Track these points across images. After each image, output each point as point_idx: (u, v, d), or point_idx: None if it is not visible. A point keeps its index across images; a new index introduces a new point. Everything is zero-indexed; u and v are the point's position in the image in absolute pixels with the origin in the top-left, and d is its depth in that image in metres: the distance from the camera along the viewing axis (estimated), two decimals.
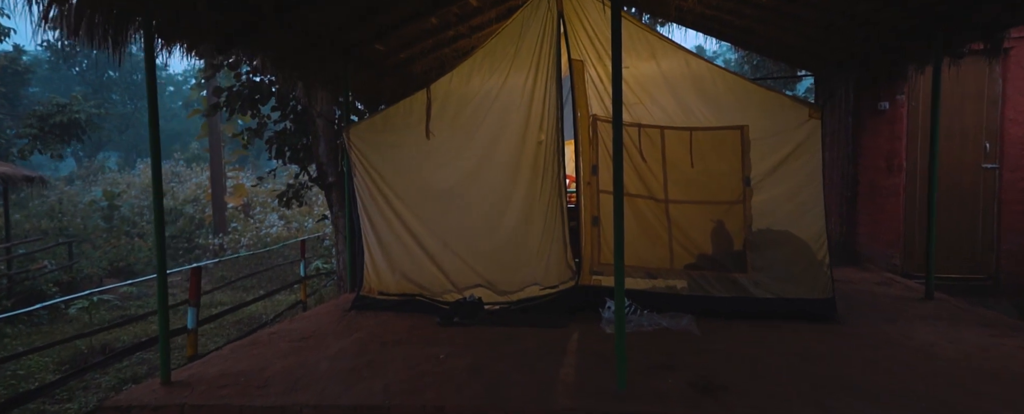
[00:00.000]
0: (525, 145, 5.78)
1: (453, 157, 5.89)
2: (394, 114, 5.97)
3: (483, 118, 5.84)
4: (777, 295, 5.35)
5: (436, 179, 5.91)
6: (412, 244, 5.92)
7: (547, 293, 5.75)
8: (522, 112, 5.78)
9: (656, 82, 5.60)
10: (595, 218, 5.77)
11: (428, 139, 5.91)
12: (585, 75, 5.75)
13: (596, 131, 5.73)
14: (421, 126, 5.90)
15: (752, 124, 5.40)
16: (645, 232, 5.62)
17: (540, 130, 5.77)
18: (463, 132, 5.89)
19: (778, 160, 5.35)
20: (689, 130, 5.54)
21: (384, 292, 6.03)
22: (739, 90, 5.43)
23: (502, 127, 5.81)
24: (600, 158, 5.73)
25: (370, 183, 5.97)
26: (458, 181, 5.88)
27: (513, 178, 5.79)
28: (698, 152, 5.54)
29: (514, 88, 5.83)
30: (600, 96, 5.71)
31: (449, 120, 5.91)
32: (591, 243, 5.79)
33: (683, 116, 5.56)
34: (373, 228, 6.01)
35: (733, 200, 5.46)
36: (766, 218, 5.40)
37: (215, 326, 9.54)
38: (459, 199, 5.88)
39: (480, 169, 5.85)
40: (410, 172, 5.94)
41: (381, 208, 5.97)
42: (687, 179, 5.57)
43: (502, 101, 5.84)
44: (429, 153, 5.92)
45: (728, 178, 5.47)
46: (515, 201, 5.79)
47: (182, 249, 17.28)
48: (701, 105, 5.52)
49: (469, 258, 5.87)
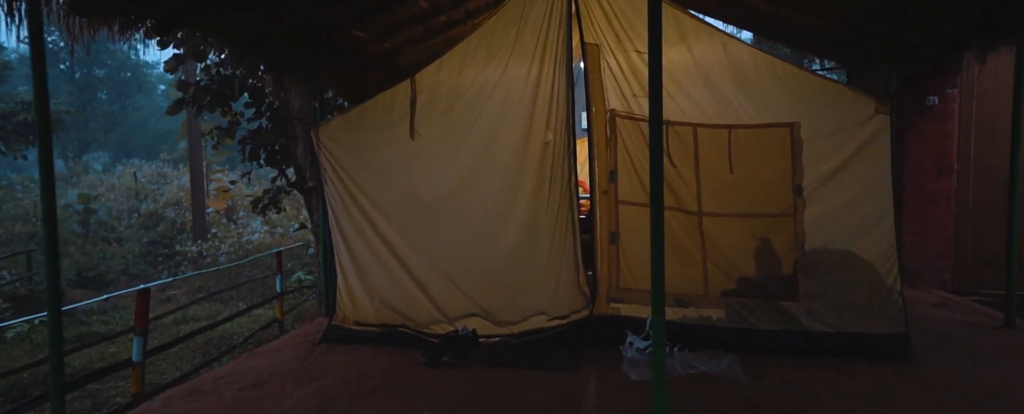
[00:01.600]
0: (529, 146, 4.82)
1: (443, 161, 4.93)
2: (372, 110, 5.01)
3: (478, 115, 4.88)
4: (836, 328, 4.39)
5: (423, 187, 4.95)
6: (394, 265, 4.96)
7: (555, 324, 4.79)
8: (525, 107, 4.83)
9: (687, 70, 4.65)
10: (613, 234, 4.81)
11: (413, 140, 4.94)
12: (601, 62, 4.79)
13: (615, 129, 4.77)
14: (404, 124, 4.94)
15: (805, 121, 4.45)
16: (674, 250, 4.66)
17: (546, 128, 4.81)
18: (455, 131, 4.93)
19: (837, 164, 4.40)
20: (727, 128, 4.59)
21: (361, 322, 5.07)
22: (789, 80, 4.48)
23: (501, 125, 4.86)
24: (619, 162, 4.77)
25: (343, 192, 5.01)
26: (449, 189, 4.92)
27: (514, 186, 4.84)
28: (738, 154, 4.59)
29: (515, 79, 4.87)
30: (619, 87, 4.75)
31: (438, 117, 4.95)
32: (608, 264, 4.83)
33: (720, 111, 4.60)
34: (347, 245, 5.04)
35: (781, 212, 4.51)
36: (822, 234, 4.44)
37: (182, 349, 8.57)
38: (450, 211, 4.92)
39: (475, 175, 4.90)
40: (391, 179, 4.98)
41: (356, 221, 5.00)
42: (725, 187, 4.61)
43: (501, 94, 4.88)
44: (414, 156, 4.96)
45: (775, 186, 4.52)
46: (517, 213, 4.83)
47: (162, 256, 16.28)
48: (742, 98, 4.56)
49: (462, 282, 4.91)
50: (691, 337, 4.48)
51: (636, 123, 4.71)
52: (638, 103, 4.70)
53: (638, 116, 4.69)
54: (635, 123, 4.71)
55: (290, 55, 5.97)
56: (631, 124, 4.72)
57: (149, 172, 27.25)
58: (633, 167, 4.74)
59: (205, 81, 8.33)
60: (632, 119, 4.72)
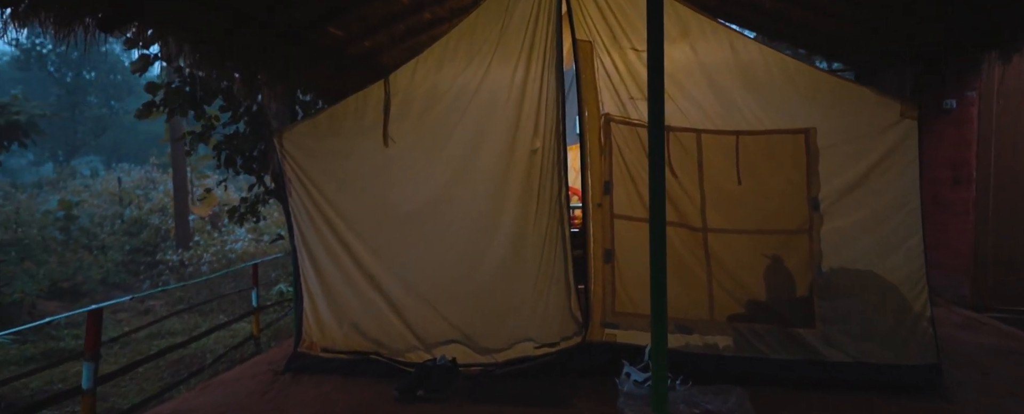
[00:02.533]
0: (514, 155, 4.35)
1: (419, 171, 4.46)
2: (342, 114, 4.53)
3: (459, 120, 4.41)
4: (857, 359, 3.92)
5: (397, 199, 4.47)
6: (365, 286, 4.48)
7: (544, 352, 4.31)
8: (510, 111, 4.36)
9: (690, 71, 4.18)
10: (608, 252, 4.33)
11: (386, 147, 4.47)
12: (594, 61, 4.32)
13: (610, 136, 4.29)
14: (377, 130, 4.46)
15: (821, 126, 3.99)
16: (676, 270, 4.18)
17: (534, 135, 4.34)
18: (432, 138, 4.46)
19: (858, 175, 3.94)
20: (735, 134, 4.12)
21: (329, 349, 4.58)
22: (803, 81, 4.02)
23: (484, 131, 4.39)
24: (615, 172, 4.29)
25: (310, 204, 4.53)
26: (426, 202, 4.45)
27: (499, 198, 4.37)
28: (747, 164, 4.12)
29: (499, 80, 4.41)
30: (615, 89, 4.28)
31: (414, 122, 4.48)
32: (603, 285, 4.35)
33: (726, 116, 4.14)
34: (313, 264, 4.55)
35: (795, 229, 4.04)
36: (841, 253, 3.98)
37: (152, 368, 8.07)
38: (427, 226, 4.44)
39: (455, 186, 4.43)
40: (363, 190, 4.50)
41: (324, 237, 4.52)
42: (732, 200, 4.14)
43: (483, 97, 4.41)
44: (388, 165, 4.48)
45: (788, 199, 4.05)
46: (501, 228, 4.36)
47: (144, 265, 15.75)
48: (751, 101, 4.10)
49: (440, 304, 4.42)
50: (695, 368, 4.00)
51: (634, 129, 4.24)
52: (636, 106, 4.23)
53: (636, 121, 4.23)
54: (632, 129, 4.24)
55: (258, 54, 5.51)
56: (628, 130, 4.25)
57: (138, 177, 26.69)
58: (630, 177, 4.27)
59: (176, 83, 7.85)
60: (629, 124, 4.25)
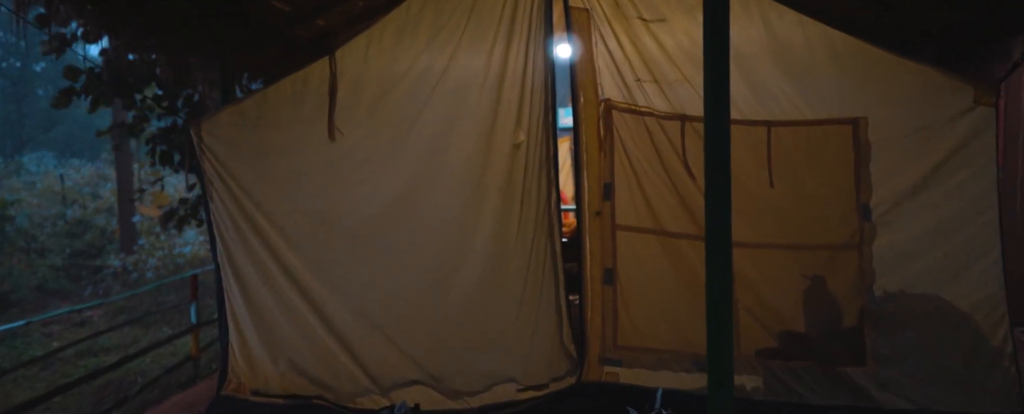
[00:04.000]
0: (492, 151, 3.51)
1: (374, 171, 3.59)
2: (276, 100, 3.62)
3: (422, 108, 3.55)
4: (919, 405, 3.16)
5: (346, 207, 3.59)
6: (305, 313, 3.58)
7: (529, 397, 3.47)
8: (487, 98, 3.52)
9: None
10: (609, 271, 3.50)
11: (332, 141, 3.57)
12: (592, 35, 3.48)
13: (611, 127, 3.46)
14: (321, 120, 3.57)
15: (874, 115, 3.22)
16: (692, 294, 3.38)
17: (517, 127, 3.50)
18: (389, 131, 3.58)
19: (921, 176, 3.18)
20: (766, 125, 3.33)
21: (261, 391, 3.66)
22: (853, 60, 3.24)
23: (454, 123, 3.54)
24: (618, 172, 3.47)
25: (237, 212, 3.61)
26: (382, 210, 3.58)
27: (473, 205, 3.53)
28: (781, 162, 3.33)
29: (473, 59, 3.56)
30: (618, 69, 3.45)
31: (366, 111, 3.59)
32: (603, 312, 3.52)
33: (756, 103, 3.35)
34: (241, 286, 3.64)
35: (841, 243, 3.26)
36: (899, 274, 3.22)
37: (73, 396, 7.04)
38: (384, 239, 3.57)
39: (418, 191, 3.57)
40: (303, 195, 3.60)
41: (254, 253, 3.60)
42: (762, 207, 3.35)
43: (453, 81, 3.56)
44: (335, 164, 3.59)
45: (832, 205, 3.28)
46: (477, 243, 3.51)
47: (87, 270, 14.50)
48: (787, 85, 3.31)
49: (401, 337, 3.56)
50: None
51: (641, 118, 3.41)
52: (644, 90, 3.41)
53: (644, 108, 3.40)
54: (639, 118, 3.42)
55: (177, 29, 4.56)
56: (634, 120, 3.42)
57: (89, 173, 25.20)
58: (636, 179, 3.45)
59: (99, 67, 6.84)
60: (635, 113, 3.42)
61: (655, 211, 3.42)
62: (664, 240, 3.42)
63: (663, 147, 3.39)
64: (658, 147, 3.40)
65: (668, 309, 3.44)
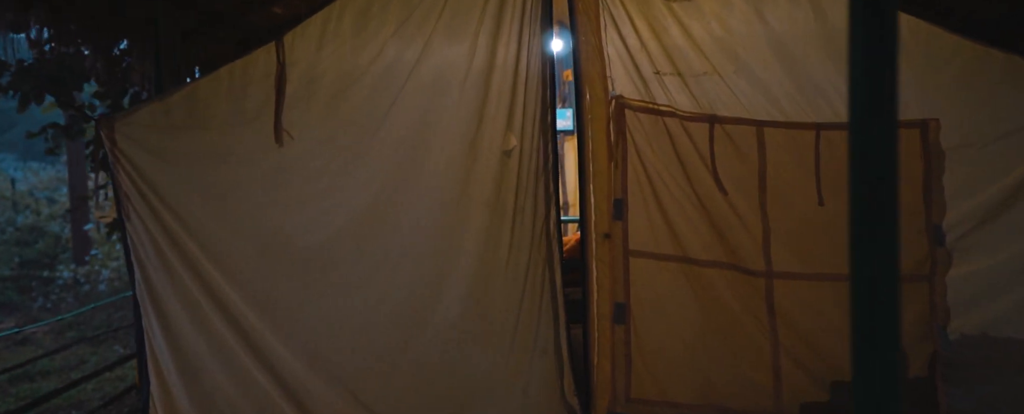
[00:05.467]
0: (478, 159, 2.87)
1: (331, 184, 2.91)
2: (211, 94, 2.92)
3: (390, 107, 2.89)
4: None
5: (296, 227, 2.91)
6: (248, 363, 2.88)
7: None
8: (471, 95, 2.88)
9: (750, 39, 2.77)
10: (620, 307, 2.86)
11: (280, 146, 2.89)
12: (601, 18, 2.83)
13: (623, 130, 2.81)
14: (265, 120, 2.88)
15: (948, 116, 2.61)
16: (724, 335, 2.76)
17: (508, 129, 2.86)
18: (350, 134, 2.91)
19: (1008, 191, 2.59)
20: (814, 128, 2.72)
21: None
22: (921, 50, 2.64)
23: (430, 124, 2.89)
24: (631, 184, 2.82)
25: (159, 234, 2.89)
26: (341, 232, 2.90)
27: (453, 225, 2.88)
28: (833, 173, 2.72)
29: (455, 47, 2.92)
30: (632, 59, 2.81)
31: (322, 110, 2.91)
32: (612, 357, 2.88)
33: (803, 101, 2.74)
34: (165, 329, 2.92)
35: (907, 273, 2.65)
36: (981, 312, 2.63)
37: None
38: (343, 268, 2.90)
39: (386, 207, 2.90)
40: (243, 213, 2.91)
41: (182, 286, 2.89)
42: (810, 229, 2.74)
43: (430, 72, 2.91)
44: (283, 175, 2.91)
45: None
46: (458, 272, 2.86)
47: (37, 281, 13.54)
48: (840, 79, 2.71)
49: (365, 392, 2.88)
50: None
51: (660, 119, 2.78)
52: (664, 85, 2.78)
53: (664, 107, 2.77)
54: (658, 119, 2.78)
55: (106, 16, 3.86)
56: (652, 121, 2.79)
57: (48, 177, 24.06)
58: (654, 194, 2.81)
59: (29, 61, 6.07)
60: (653, 112, 2.79)
61: (677, 234, 2.79)
62: (688, 269, 2.79)
63: (688, 155, 2.77)
64: (681, 155, 2.77)
65: (693, 354, 2.81)
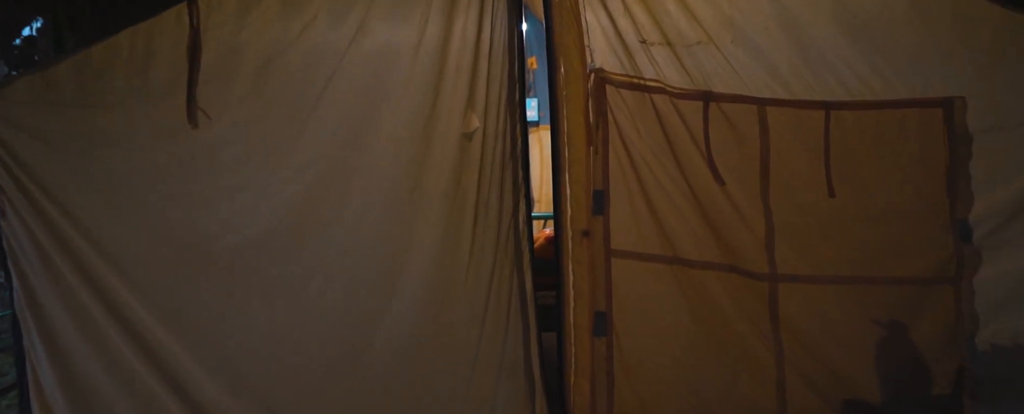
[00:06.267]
0: (433, 143, 2.43)
1: (258, 172, 2.43)
2: (107, 65, 2.39)
3: (329, 80, 2.42)
4: None
5: (217, 224, 2.42)
6: (151, 382, 2.39)
7: None
8: (425, 65, 2.44)
9: (752, 2, 2.38)
10: (600, 316, 2.45)
11: (195, 128, 2.39)
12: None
13: (604, 109, 2.40)
14: (176, 96, 2.38)
15: (975, 94, 2.29)
16: (719, 348, 2.38)
17: (469, 108, 2.43)
18: (282, 113, 2.44)
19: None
20: (823, 107, 2.35)
21: None
22: (945, 16, 2.30)
23: (376, 101, 2.44)
24: (614, 174, 2.42)
25: (43, 235, 2.36)
26: (271, 229, 2.43)
27: (405, 220, 2.44)
28: (845, 159, 2.36)
29: (403, 14, 2.46)
30: (615, 26, 2.39)
31: (247, 84, 2.42)
32: (591, 375, 2.47)
33: (809, 75, 2.37)
34: (50, 346, 2.39)
35: (929, 275, 2.32)
36: (1014, 319, 2.29)
37: None
38: (273, 272, 2.43)
39: (324, 200, 2.44)
40: (149, 208, 2.41)
41: (71, 296, 2.37)
42: (818, 224, 2.37)
43: (376, 40, 2.46)
44: (199, 163, 2.42)
45: (916, 221, 2.33)
46: (411, 276, 2.43)
47: None
48: (852, 51, 2.35)
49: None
50: None
51: (646, 96, 2.38)
52: (651, 56, 2.39)
53: (651, 83, 2.38)
54: (644, 96, 2.39)
55: None
56: (637, 99, 2.39)
57: None
58: (640, 184, 2.41)
59: None
60: (639, 89, 2.39)
61: (667, 230, 2.40)
62: (680, 272, 2.40)
63: (678, 138, 2.37)
64: (671, 138, 2.38)
65: (684, 371, 2.42)
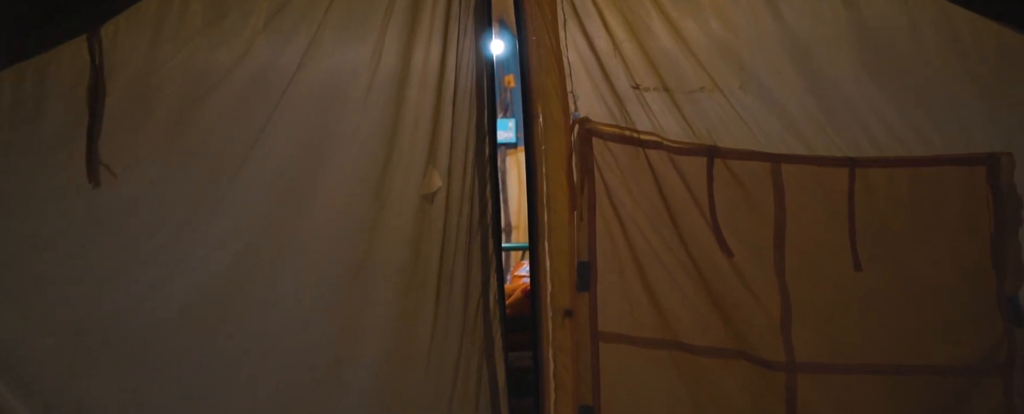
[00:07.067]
0: (385, 205, 2.05)
1: (175, 240, 2.01)
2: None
3: (262, 129, 2.03)
4: None
5: (123, 303, 2.00)
6: None
7: None
8: (377, 112, 2.07)
9: (764, 44, 2.04)
10: (587, 411, 2.06)
11: (96, 187, 1.97)
12: (558, 10, 2.04)
13: (590, 166, 2.02)
14: (73, 148, 1.97)
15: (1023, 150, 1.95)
16: None
17: (429, 164, 2.04)
18: (205, 168, 2.03)
19: None
20: (848, 165, 2.00)
21: None
22: (987, 58, 1.97)
23: (318, 154, 2.06)
24: (601, 241, 2.03)
25: None
26: (190, 308, 2.01)
27: (352, 300, 2.05)
28: (873, 225, 2.01)
29: (353, 48, 2.09)
30: (603, 69, 2.03)
31: (161, 133, 2.01)
32: None
33: (830, 127, 2.02)
34: None
35: (974, 364, 1.96)
36: None
37: None
38: (194, 361, 2.01)
39: (255, 273, 2.03)
40: (36, 284, 1.98)
41: None
42: (842, 302, 2.01)
43: (318, 80, 2.08)
44: (100, 227, 2.00)
45: (958, 299, 1.98)
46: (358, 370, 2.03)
47: None
48: (881, 98, 2.01)
49: None
50: None
51: (640, 152, 2.01)
52: (646, 105, 2.02)
53: (646, 136, 2.01)
54: (638, 152, 2.02)
55: None
56: (629, 154, 2.01)
57: None
58: (632, 255, 2.03)
59: None
60: (632, 142, 2.02)
61: (665, 310, 2.02)
62: (680, 359, 2.02)
63: (678, 201, 2.00)
64: (669, 200, 2.01)
65: None
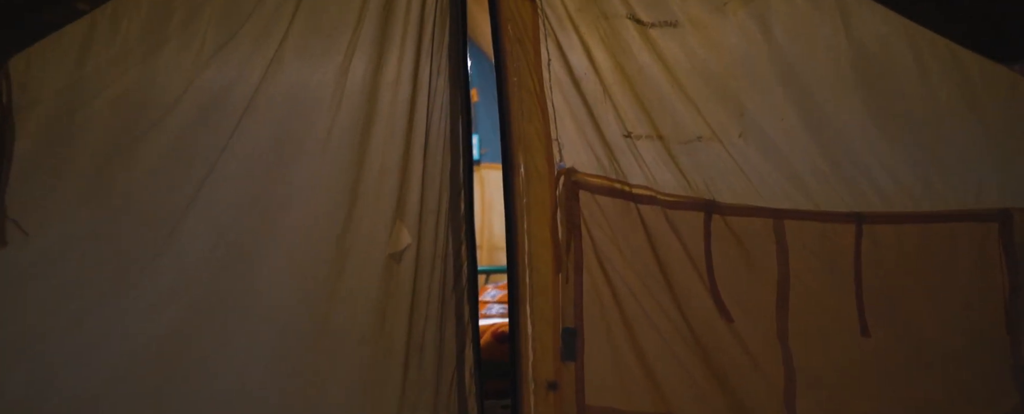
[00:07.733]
0: (347, 265, 1.81)
1: (101, 303, 1.73)
2: None
3: (202, 179, 1.77)
4: None
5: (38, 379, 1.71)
6: None
7: None
8: (338, 158, 1.84)
9: (757, 72, 1.88)
10: None
11: (3, 247, 1.69)
12: (542, 47, 1.85)
13: (576, 222, 1.83)
14: None
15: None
16: None
17: (397, 218, 1.81)
18: (138, 220, 1.76)
19: None
20: (854, 220, 1.84)
21: None
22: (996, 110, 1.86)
23: (271, 205, 1.80)
24: (588, 306, 1.83)
25: None
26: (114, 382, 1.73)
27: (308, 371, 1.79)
28: (881, 287, 1.85)
29: (315, 79, 1.86)
30: (591, 114, 1.84)
31: (85, 182, 1.75)
32: None
33: (833, 177, 1.87)
34: None
35: None
36: None
37: None
38: None
39: (195, 341, 1.77)
40: None
41: None
42: (850, 369, 1.86)
43: (273, 120, 1.83)
44: (12, 292, 1.71)
45: (969, 365, 1.84)
46: None
47: None
48: (890, 150, 1.86)
49: None
50: None
51: (631, 207, 1.83)
52: (638, 155, 1.84)
53: (639, 189, 1.82)
54: (629, 206, 1.83)
55: None
56: (621, 209, 1.83)
57: None
58: (623, 320, 1.84)
59: None
60: (624, 196, 1.83)
61: (658, 380, 1.83)
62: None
63: (673, 260, 1.82)
64: (663, 260, 1.82)
65: None
